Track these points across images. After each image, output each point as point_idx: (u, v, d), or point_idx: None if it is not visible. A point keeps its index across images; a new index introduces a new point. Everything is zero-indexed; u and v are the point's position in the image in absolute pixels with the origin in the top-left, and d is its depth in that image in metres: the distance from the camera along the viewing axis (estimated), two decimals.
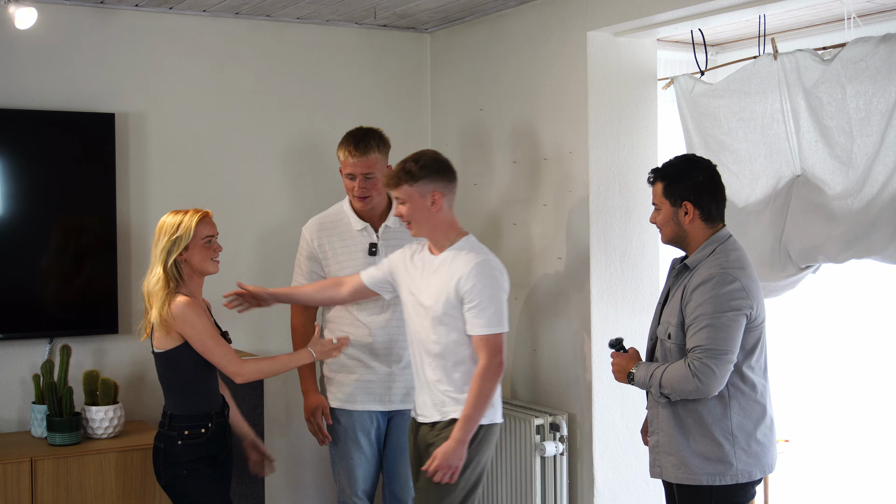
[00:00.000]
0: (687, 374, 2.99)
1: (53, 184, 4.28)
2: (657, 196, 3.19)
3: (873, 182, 3.56)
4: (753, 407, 3.09)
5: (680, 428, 3.11)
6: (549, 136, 4.35)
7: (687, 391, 3.02)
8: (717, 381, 2.98)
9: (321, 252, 3.90)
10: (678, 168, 3.18)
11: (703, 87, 4.19)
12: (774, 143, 3.93)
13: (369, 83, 5.00)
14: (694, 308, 3.03)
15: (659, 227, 3.22)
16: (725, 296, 2.99)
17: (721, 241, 3.12)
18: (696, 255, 3.12)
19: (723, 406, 3.06)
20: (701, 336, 2.99)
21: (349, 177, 3.84)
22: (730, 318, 2.98)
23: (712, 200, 3.14)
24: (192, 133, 4.60)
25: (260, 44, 4.74)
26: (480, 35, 4.77)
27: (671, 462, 3.13)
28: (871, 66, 3.53)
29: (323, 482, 4.86)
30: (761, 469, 3.12)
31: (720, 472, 3.06)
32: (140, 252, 4.47)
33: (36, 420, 4.09)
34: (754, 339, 3.07)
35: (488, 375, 3.31)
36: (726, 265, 3.04)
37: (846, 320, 5.18)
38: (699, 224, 3.13)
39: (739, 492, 3.11)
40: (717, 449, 3.06)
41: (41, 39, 4.25)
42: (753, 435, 3.09)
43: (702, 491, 3.09)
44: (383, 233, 3.89)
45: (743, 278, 3.03)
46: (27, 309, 4.27)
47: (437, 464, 3.29)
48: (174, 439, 3.44)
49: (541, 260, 4.42)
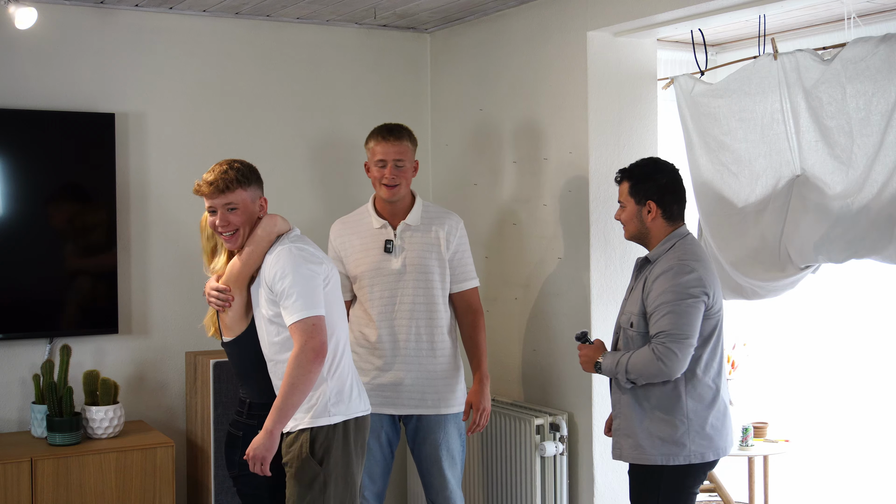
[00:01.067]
0: (651, 358, 3.19)
1: (53, 184, 4.28)
2: (623, 194, 3.42)
3: (873, 182, 3.56)
4: (707, 392, 3.28)
5: (638, 411, 3.30)
6: (549, 136, 4.36)
7: (652, 374, 3.21)
8: (679, 364, 3.18)
9: (343, 250, 3.91)
10: (644, 169, 3.41)
11: (703, 87, 4.19)
12: (774, 143, 3.93)
13: (369, 83, 5.00)
14: (655, 297, 3.23)
15: (623, 223, 3.44)
16: (684, 284, 3.20)
17: (680, 237, 3.34)
18: (657, 249, 3.34)
19: (678, 390, 3.25)
20: (664, 322, 3.19)
21: (380, 164, 3.82)
22: (689, 304, 3.19)
23: (674, 201, 3.36)
24: (192, 133, 4.60)
25: (260, 44, 4.74)
26: (480, 35, 4.77)
27: (629, 444, 3.33)
28: (871, 66, 3.53)
29: None
30: (714, 452, 3.29)
31: (673, 452, 3.25)
32: (140, 252, 4.47)
33: (36, 420, 4.09)
34: (711, 327, 3.27)
35: (300, 361, 3.04)
36: (684, 257, 3.26)
37: (846, 320, 5.18)
38: (661, 222, 3.35)
39: (691, 473, 3.29)
40: (672, 430, 3.25)
41: (41, 39, 4.25)
42: (707, 418, 3.27)
43: (653, 470, 3.28)
44: (402, 231, 3.86)
45: (700, 269, 3.24)
46: (27, 309, 4.27)
47: (247, 453, 3.10)
48: (254, 428, 3.20)
49: (541, 260, 4.42)
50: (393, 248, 3.83)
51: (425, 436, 3.88)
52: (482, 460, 4.49)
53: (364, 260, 3.86)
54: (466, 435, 3.97)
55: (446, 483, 3.88)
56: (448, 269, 3.89)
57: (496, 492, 4.41)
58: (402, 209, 3.88)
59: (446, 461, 3.88)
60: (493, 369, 4.68)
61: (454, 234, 3.90)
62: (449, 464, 3.88)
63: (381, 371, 3.84)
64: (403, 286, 3.83)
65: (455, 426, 3.91)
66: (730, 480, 5.26)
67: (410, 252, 3.84)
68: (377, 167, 3.83)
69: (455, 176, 4.97)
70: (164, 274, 4.53)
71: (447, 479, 3.88)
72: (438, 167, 5.11)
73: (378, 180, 3.83)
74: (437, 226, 3.88)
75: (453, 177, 4.99)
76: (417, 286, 3.84)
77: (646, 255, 3.40)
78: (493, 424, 4.40)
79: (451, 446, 3.89)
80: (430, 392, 3.85)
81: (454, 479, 3.90)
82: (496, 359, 4.64)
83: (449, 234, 3.88)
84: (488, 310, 4.60)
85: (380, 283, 3.84)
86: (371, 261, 3.84)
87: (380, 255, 3.84)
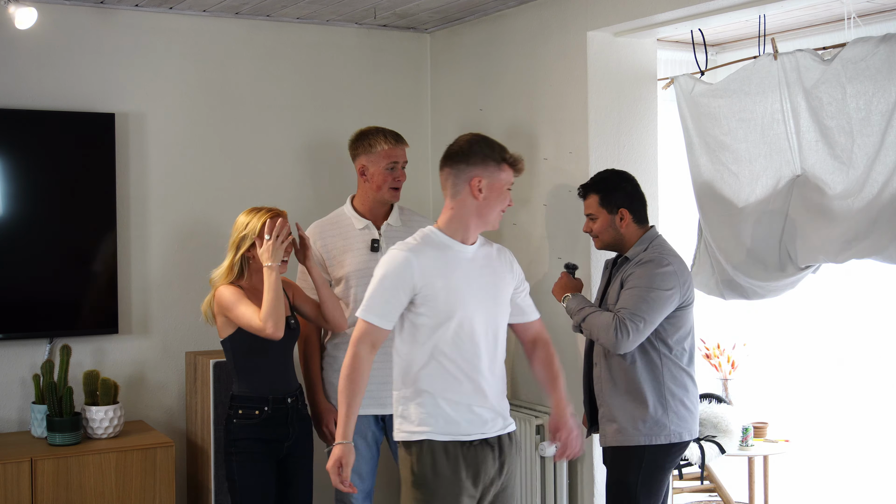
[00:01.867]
0: (610, 325, 3.39)
1: (53, 184, 4.28)
2: (593, 207, 3.62)
3: (873, 182, 3.56)
4: (682, 376, 3.51)
5: (619, 396, 3.50)
6: (549, 136, 4.36)
7: (602, 339, 3.44)
8: (630, 342, 3.38)
9: (325, 252, 3.92)
10: (610, 181, 3.63)
11: (703, 87, 4.18)
12: (774, 143, 3.93)
13: (369, 83, 5.00)
14: (632, 281, 3.45)
15: (596, 234, 3.64)
16: (659, 276, 3.42)
17: (653, 238, 3.58)
18: (635, 248, 3.56)
19: (656, 374, 3.47)
20: (629, 300, 3.40)
21: (389, 167, 3.88)
22: (658, 294, 3.39)
23: (641, 206, 3.62)
24: (192, 133, 4.60)
25: (260, 44, 4.74)
26: (480, 35, 4.77)
27: (612, 429, 3.52)
28: (871, 66, 3.53)
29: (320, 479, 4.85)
30: (689, 432, 3.52)
31: (655, 432, 3.46)
32: (140, 252, 4.47)
33: (36, 420, 4.09)
34: (684, 317, 3.50)
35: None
36: (662, 252, 3.51)
37: (846, 320, 5.18)
38: (633, 227, 3.59)
39: (670, 452, 3.49)
40: (653, 412, 3.45)
41: (41, 39, 4.25)
42: (682, 401, 3.50)
43: (635, 451, 3.47)
44: (385, 231, 3.92)
45: (675, 263, 3.48)
46: (27, 309, 4.27)
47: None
48: (231, 418, 3.61)
49: (541, 260, 4.42)
50: (380, 246, 3.87)
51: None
52: None
53: (350, 260, 3.88)
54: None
55: None
56: None
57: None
58: (384, 211, 3.96)
59: None
60: None
61: None
62: None
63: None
64: None
65: None
66: (730, 480, 5.26)
67: None
68: (385, 170, 3.87)
69: None
70: (164, 274, 4.53)
71: None
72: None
73: (384, 182, 3.88)
74: (417, 226, 3.92)
75: None
76: None
77: (617, 256, 3.62)
78: None
79: None
80: None
81: None
82: None
83: None
84: None
85: (366, 282, 3.84)
86: (357, 261, 3.87)
87: (366, 254, 3.87)
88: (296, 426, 3.66)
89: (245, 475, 3.57)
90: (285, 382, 3.66)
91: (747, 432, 5.08)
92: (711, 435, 4.96)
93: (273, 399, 3.60)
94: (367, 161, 3.89)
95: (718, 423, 4.98)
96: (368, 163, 3.89)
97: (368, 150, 3.89)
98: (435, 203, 5.09)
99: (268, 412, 3.58)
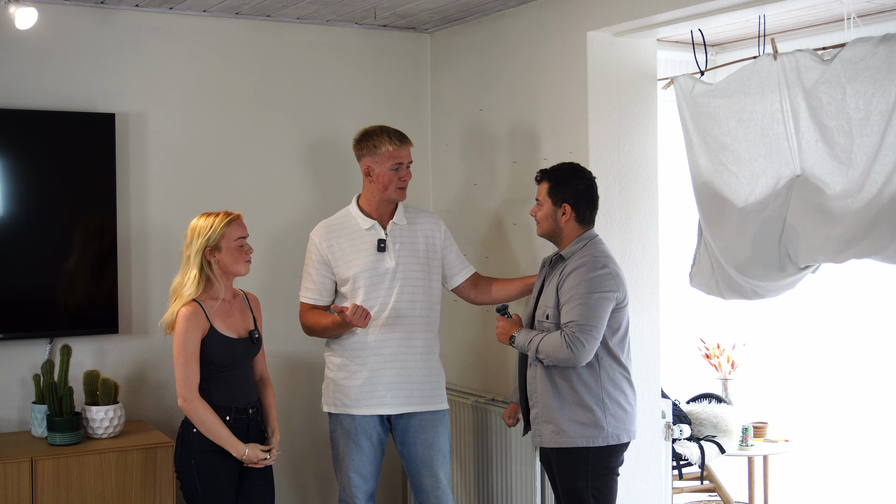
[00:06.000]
0: (561, 344, 3.42)
1: (53, 184, 4.28)
2: (541, 193, 3.66)
3: (873, 182, 3.56)
4: (619, 378, 3.55)
5: (556, 398, 3.53)
6: (549, 135, 4.36)
7: (560, 358, 3.44)
8: (585, 353, 3.42)
9: (331, 253, 3.92)
10: (564, 174, 3.65)
11: (703, 87, 4.19)
12: (774, 143, 3.93)
13: (369, 83, 5.00)
14: (568, 289, 3.48)
15: (538, 220, 3.69)
16: (596, 279, 3.47)
17: (591, 238, 3.62)
18: (571, 247, 3.60)
19: (594, 376, 3.51)
20: (574, 313, 3.44)
21: (395, 167, 3.87)
22: (599, 298, 3.45)
23: (587, 207, 3.64)
24: (193, 133, 4.60)
25: (260, 44, 4.74)
26: (480, 35, 4.77)
27: (549, 430, 3.55)
28: (870, 66, 3.53)
29: (324, 481, 4.86)
30: (627, 434, 3.56)
31: (593, 435, 3.49)
32: (140, 252, 4.47)
33: (36, 420, 4.10)
34: (622, 318, 3.55)
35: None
36: (596, 254, 3.55)
37: (846, 320, 5.18)
38: (573, 224, 3.62)
39: (611, 454, 3.54)
40: (590, 414, 3.49)
41: (41, 39, 4.25)
42: (620, 403, 3.54)
43: (578, 453, 3.51)
44: (392, 230, 3.93)
45: (610, 265, 3.53)
46: (27, 309, 4.27)
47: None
48: (190, 427, 3.58)
49: (540, 260, 4.41)
50: (386, 246, 3.86)
51: (416, 435, 3.89)
52: (480, 459, 4.49)
53: (357, 261, 3.88)
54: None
55: (438, 483, 3.89)
56: (440, 264, 4.00)
57: (495, 491, 4.41)
58: (390, 210, 3.95)
59: (437, 461, 3.90)
60: (492, 368, 4.68)
61: (440, 229, 4.03)
62: (440, 463, 3.90)
63: (374, 371, 3.86)
64: (398, 284, 3.86)
65: (444, 425, 3.93)
66: (730, 480, 5.26)
67: (403, 250, 3.91)
68: (391, 170, 3.87)
69: (455, 176, 4.97)
70: (164, 274, 4.52)
71: (439, 479, 3.90)
72: (438, 167, 5.11)
73: (390, 182, 3.87)
74: (422, 223, 4.01)
75: (453, 177, 4.99)
76: (415, 284, 3.89)
77: (558, 252, 3.65)
78: (491, 423, 4.40)
79: (442, 445, 3.91)
80: (426, 390, 3.92)
81: (445, 479, 3.92)
82: (495, 358, 4.64)
83: (435, 231, 4.01)
84: (488, 309, 4.60)
85: (375, 282, 3.85)
86: (365, 261, 3.86)
87: (373, 254, 3.87)
88: (254, 439, 3.68)
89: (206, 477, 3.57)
90: (246, 395, 3.69)
91: (747, 432, 5.08)
92: (711, 435, 4.97)
93: (235, 409, 3.63)
94: (372, 162, 3.89)
95: (718, 423, 4.98)
96: (373, 164, 3.88)
97: (373, 151, 3.88)
98: (435, 201, 5.10)
99: (229, 422, 3.60)
